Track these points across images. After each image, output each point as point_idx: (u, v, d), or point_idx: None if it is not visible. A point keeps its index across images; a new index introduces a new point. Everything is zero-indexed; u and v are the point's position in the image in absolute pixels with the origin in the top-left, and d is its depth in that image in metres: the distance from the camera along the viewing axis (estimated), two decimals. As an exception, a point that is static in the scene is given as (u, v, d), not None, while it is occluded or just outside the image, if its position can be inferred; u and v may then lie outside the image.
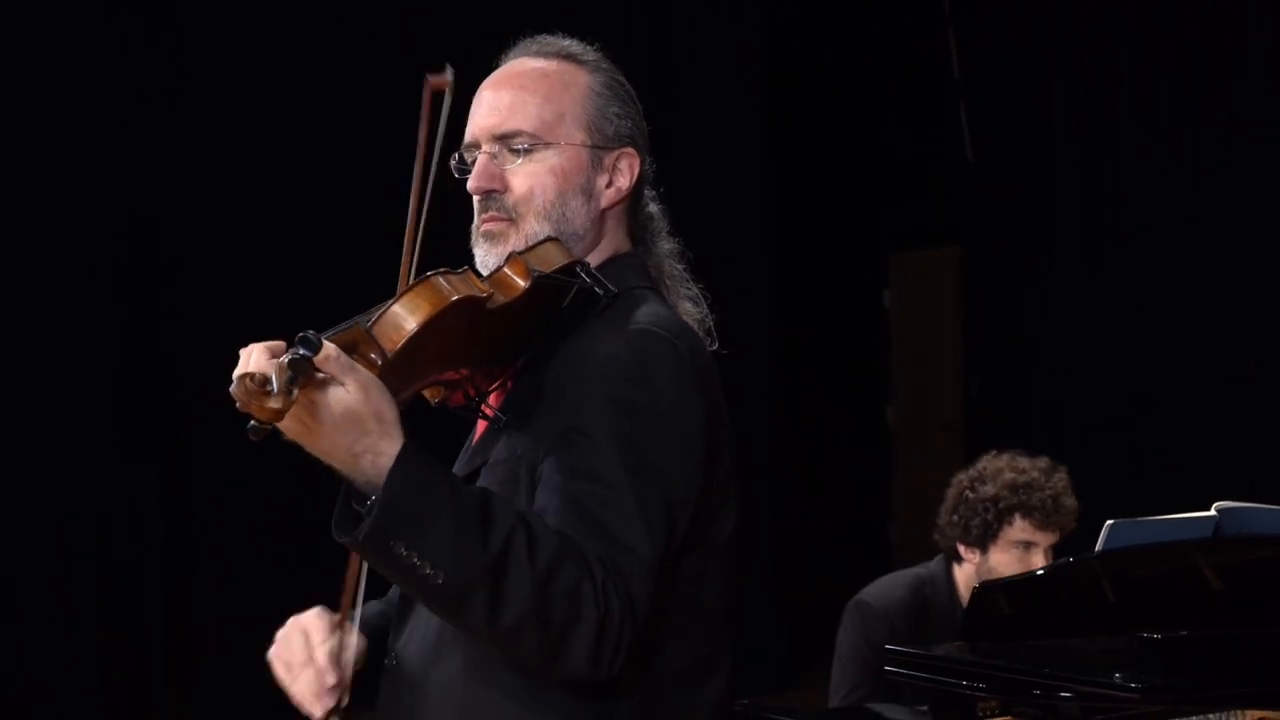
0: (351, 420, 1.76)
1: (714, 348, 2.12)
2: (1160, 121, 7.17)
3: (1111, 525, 3.14)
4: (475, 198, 2.09)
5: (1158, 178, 7.16)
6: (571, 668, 1.80)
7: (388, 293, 1.88)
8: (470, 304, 1.86)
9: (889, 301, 9.60)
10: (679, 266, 2.17)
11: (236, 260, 6.27)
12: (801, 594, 7.43)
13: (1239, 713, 3.14)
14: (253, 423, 1.69)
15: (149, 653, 6.24)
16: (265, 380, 1.69)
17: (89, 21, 6.05)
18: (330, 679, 2.02)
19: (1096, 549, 3.14)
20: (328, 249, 6.19)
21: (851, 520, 9.04)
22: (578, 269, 1.99)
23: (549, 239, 2.02)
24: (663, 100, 7.16)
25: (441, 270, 1.87)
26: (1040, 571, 3.17)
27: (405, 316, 1.82)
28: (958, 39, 8.19)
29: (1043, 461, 3.81)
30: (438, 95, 2.01)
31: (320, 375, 1.74)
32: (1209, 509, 3.23)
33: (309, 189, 6.23)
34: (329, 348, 1.74)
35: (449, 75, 2.01)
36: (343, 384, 1.75)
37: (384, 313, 1.83)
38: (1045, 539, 3.73)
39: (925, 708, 3.33)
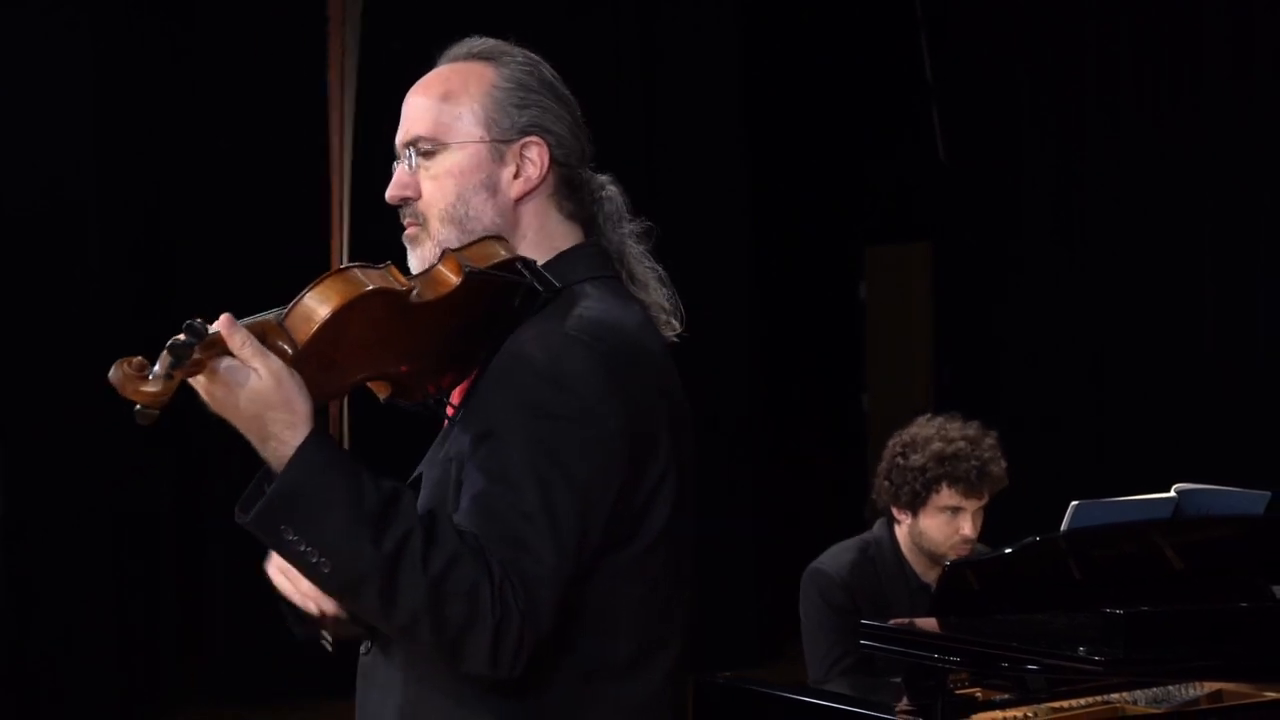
0: (262, 405, 1.79)
1: (679, 330, 2.11)
2: (1126, 119, 7.26)
3: (1076, 506, 3.21)
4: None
5: (1124, 174, 7.25)
6: (471, 667, 1.82)
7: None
8: (386, 296, 1.84)
9: (864, 294, 9.66)
10: (639, 247, 2.12)
11: (246, 256, 6.33)
12: (781, 572, 7.53)
13: (1196, 684, 3.27)
14: (137, 408, 1.71)
15: (160, 622, 6.38)
16: (143, 365, 1.71)
17: (104, 24, 6.11)
18: None
19: (1062, 529, 3.22)
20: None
21: (828, 502, 9.09)
22: (518, 264, 1.96)
23: (490, 236, 2.00)
24: (646, 102, 7.28)
25: (359, 263, 1.86)
26: (1008, 550, 3.27)
27: (315, 307, 1.81)
28: (930, 42, 8.25)
29: (972, 429, 3.87)
30: None
31: (223, 360, 1.77)
32: (1169, 491, 3.31)
33: (319, 188, 6.25)
34: (240, 334, 1.77)
35: None
36: (256, 369, 1.78)
37: (296, 304, 1.82)
38: (973, 504, 3.82)
39: (898, 679, 3.44)
